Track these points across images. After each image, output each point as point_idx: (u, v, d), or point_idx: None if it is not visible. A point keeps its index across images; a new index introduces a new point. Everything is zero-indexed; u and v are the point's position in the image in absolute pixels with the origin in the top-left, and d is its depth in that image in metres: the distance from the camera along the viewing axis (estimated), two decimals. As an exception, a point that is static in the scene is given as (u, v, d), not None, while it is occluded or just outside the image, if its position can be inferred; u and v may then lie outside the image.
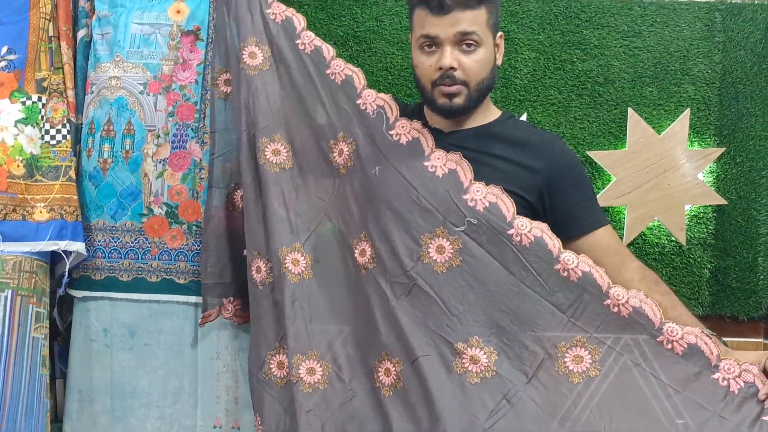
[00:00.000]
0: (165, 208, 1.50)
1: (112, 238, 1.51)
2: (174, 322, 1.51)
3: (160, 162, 1.50)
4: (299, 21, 1.39)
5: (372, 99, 1.32)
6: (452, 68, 1.20)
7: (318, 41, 1.38)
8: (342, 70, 1.35)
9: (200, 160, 1.52)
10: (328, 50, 1.38)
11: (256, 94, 1.35)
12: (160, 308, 1.51)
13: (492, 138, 1.28)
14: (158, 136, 1.51)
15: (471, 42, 1.20)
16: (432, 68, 1.22)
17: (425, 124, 1.30)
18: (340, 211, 1.33)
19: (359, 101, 1.33)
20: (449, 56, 1.19)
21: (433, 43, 1.21)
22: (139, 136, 1.51)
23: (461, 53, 1.20)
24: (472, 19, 1.19)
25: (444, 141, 1.27)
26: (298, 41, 1.38)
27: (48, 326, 1.47)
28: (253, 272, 1.35)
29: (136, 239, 1.50)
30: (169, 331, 1.51)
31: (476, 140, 1.27)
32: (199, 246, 1.50)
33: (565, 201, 1.26)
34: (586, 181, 1.32)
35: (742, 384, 1.15)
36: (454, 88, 1.21)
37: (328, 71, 1.36)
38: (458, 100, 1.22)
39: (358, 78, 1.34)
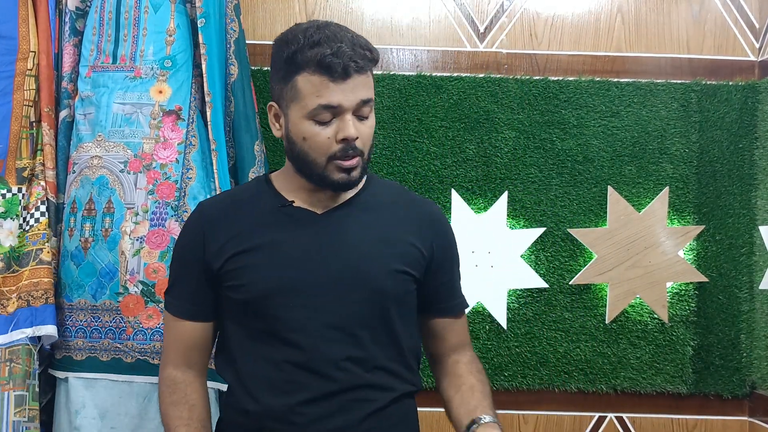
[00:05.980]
0: (141, 286, 1.47)
1: (93, 318, 1.48)
2: (139, 403, 1.47)
3: (137, 240, 1.48)
4: None
5: None
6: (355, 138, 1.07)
7: None
8: None
9: (179, 238, 1.50)
10: None
11: None
12: (130, 389, 1.47)
13: (370, 209, 1.15)
14: (137, 214, 1.50)
15: (367, 109, 1.08)
16: (330, 140, 1.05)
17: (287, 205, 1.13)
18: None
19: None
20: (353, 126, 1.05)
21: (333, 113, 1.05)
22: (119, 214, 1.49)
23: (357, 121, 1.07)
24: (368, 84, 1.07)
25: (320, 223, 1.12)
26: None
27: (38, 407, 1.44)
28: None
29: (113, 318, 1.48)
30: (134, 413, 1.46)
31: (358, 214, 1.14)
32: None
33: (436, 280, 1.17)
34: (457, 257, 1.22)
35: None
36: (354, 161, 1.07)
37: None
38: (355, 174, 1.08)
39: None
